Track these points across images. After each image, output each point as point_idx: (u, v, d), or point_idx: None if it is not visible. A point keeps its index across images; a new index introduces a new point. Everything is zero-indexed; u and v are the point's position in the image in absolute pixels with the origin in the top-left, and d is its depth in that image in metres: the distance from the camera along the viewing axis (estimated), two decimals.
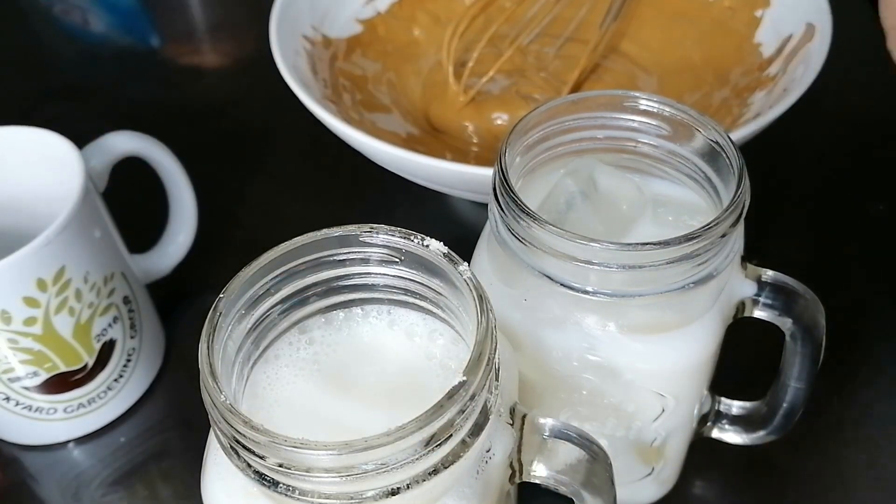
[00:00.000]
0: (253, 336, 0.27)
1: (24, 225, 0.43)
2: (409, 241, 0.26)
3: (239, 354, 0.27)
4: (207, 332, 0.25)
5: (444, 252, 0.25)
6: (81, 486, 0.43)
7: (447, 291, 0.26)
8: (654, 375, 0.32)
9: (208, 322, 0.25)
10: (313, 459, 0.21)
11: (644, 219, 0.33)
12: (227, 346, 0.26)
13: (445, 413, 0.22)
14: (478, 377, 0.23)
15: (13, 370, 0.40)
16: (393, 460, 0.22)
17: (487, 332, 0.24)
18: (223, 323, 0.25)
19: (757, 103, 0.50)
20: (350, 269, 0.27)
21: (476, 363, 0.23)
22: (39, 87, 0.68)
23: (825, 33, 0.48)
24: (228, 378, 0.26)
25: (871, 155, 0.56)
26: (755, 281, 0.32)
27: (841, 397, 0.43)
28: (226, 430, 0.23)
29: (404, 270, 0.27)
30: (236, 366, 0.27)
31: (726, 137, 0.31)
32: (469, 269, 0.25)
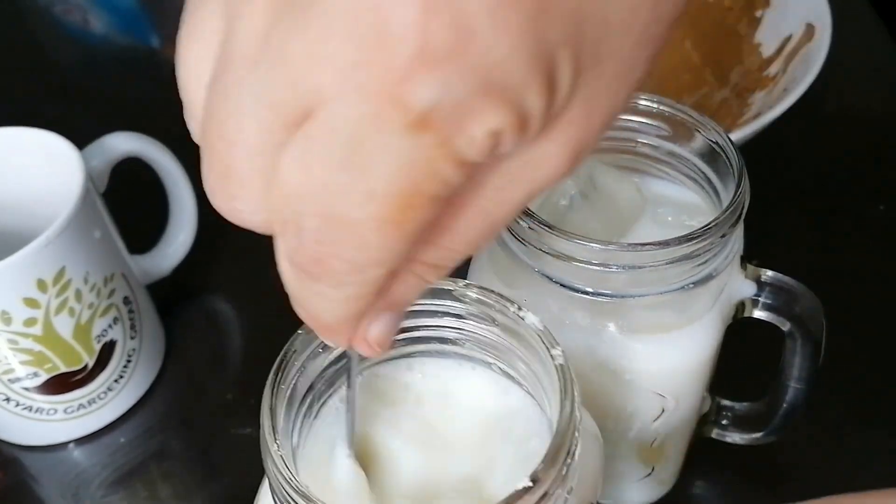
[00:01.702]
0: (329, 374, 0.26)
1: (24, 226, 0.43)
2: (505, 309, 0.25)
3: (311, 393, 0.26)
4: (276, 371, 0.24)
5: (540, 329, 0.24)
6: (81, 486, 0.43)
7: (537, 367, 0.25)
8: (654, 376, 0.32)
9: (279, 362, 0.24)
10: None
11: (644, 219, 0.33)
12: (297, 385, 0.25)
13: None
14: (548, 482, 0.21)
15: (13, 371, 0.40)
16: None
17: (569, 428, 0.22)
18: (296, 360, 0.25)
19: (757, 103, 0.50)
20: (440, 322, 0.26)
21: (550, 464, 0.21)
22: (39, 88, 0.68)
23: (825, 33, 0.48)
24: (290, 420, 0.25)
25: (872, 155, 0.56)
26: (755, 281, 0.32)
27: (841, 397, 0.43)
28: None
29: (495, 333, 0.26)
30: (305, 404, 0.26)
31: (726, 138, 0.31)
32: (562, 355, 0.23)
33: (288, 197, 0.17)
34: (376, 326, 0.20)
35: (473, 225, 0.19)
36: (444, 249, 0.19)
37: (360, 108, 0.16)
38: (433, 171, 0.16)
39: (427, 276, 0.19)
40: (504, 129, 0.16)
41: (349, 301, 0.19)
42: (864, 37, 0.63)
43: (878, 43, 0.63)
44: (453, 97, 0.15)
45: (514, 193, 0.18)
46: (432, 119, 0.16)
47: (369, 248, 0.17)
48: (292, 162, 0.17)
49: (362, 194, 0.16)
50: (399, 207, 0.17)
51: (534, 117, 0.16)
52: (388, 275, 0.18)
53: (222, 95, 0.18)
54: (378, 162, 0.16)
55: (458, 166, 0.16)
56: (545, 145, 0.18)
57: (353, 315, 0.19)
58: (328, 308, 0.19)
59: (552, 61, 0.16)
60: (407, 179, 0.16)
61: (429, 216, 0.17)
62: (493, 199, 0.18)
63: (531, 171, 0.18)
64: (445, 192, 0.17)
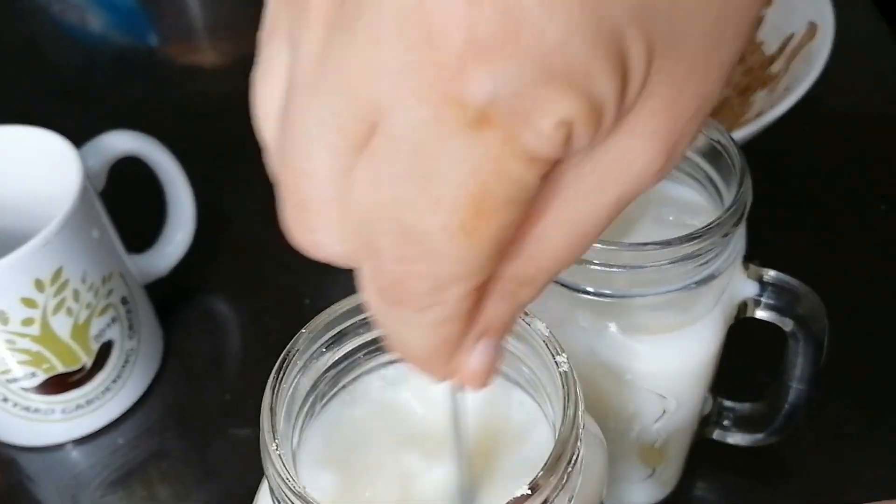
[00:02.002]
0: (331, 374, 0.26)
1: (22, 225, 0.43)
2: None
3: (312, 393, 0.26)
4: (278, 370, 0.24)
5: (546, 335, 0.24)
6: (80, 487, 0.43)
7: (542, 374, 0.25)
8: (655, 376, 0.32)
9: (280, 361, 0.24)
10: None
11: (645, 218, 0.33)
12: (298, 385, 0.25)
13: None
14: (547, 490, 0.21)
15: (11, 371, 0.40)
16: None
17: (571, 435, 0.22)
18: (298, 360, 0.24)
19: (759, 102, 0.50)
20: None
21: (550, 471, 0.21)
22: (37, 87, 0.68)
23: (827, 32, 0.48)
24: (291, 421, 0.25)
25: (874, 154, 0.56)
26: (757, 281, 0.32)
27: (842, 398, 0.43)
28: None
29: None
30: (306, 405, 0.26)
31: (728, 137, 0.31)
32: (567, 362, 0.23)
33: (362, 219, 0.16)
34: (477, 356, 0.18)
35: (563, 233, 0.17)
36: (532, 262, 0.17)
37: (418, 112, 0.15)
38: (502, 171, 0.15)
39: (519, 295, 0.18)
40: (574, 118, 0.15)
41: (437, 326, 0.17)
42: (866, 35, 0.62)
43: (880, 42, 0.63)
44: (512, 89, 0.14)
45: (604, 197, 0.17)
46: (492, 114, 0.15)
47: (446, 262, 0.16)
48: (362, 182, 0.16)
49: (431, 203, 0.15)
50: (470, 214, 0.15)
51: (607, 104, 0.15)
52: (474, 294, 0.17)
53: (289, 127, 0.17)
54: (443, 167, 0.15)
55: (530, 164, 0.15)
56: (629, 140, 0.16)
57: (445, 342, 0.18)
58: (417, 336, 0.18)
59: (619, 40, 0.15)
60: (475, 182, 0.15)
61: (506, 222, 0.16)
62: (580, 204, 0.17)
63: (619, 170, 0.17)
64: (520, 195, 0.16)
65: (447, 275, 0.16)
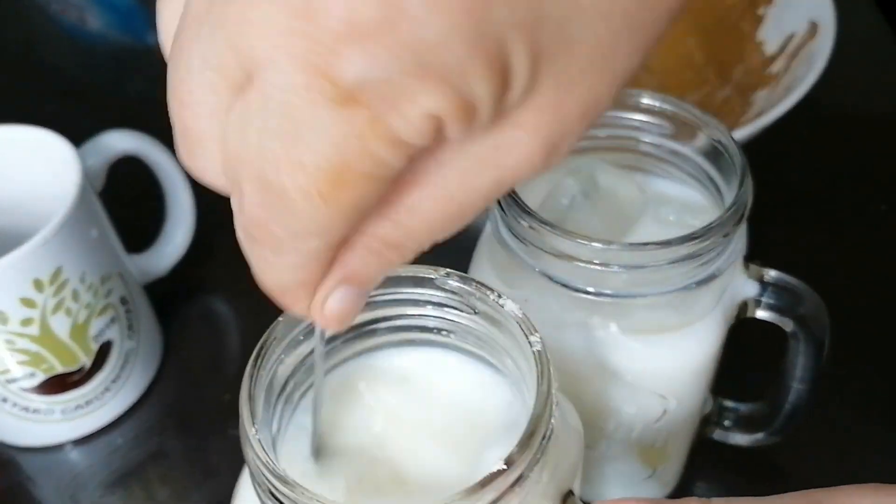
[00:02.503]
0: (309, 363, 0.26)
1: (21, 225, 0.43)
2: (485, 297, 0.25)
3: (290, 381, 0.26)
4: (256, 358, 0.24)
5: (520, 316, 0.24)
6: (79, 487, 0.43)
7: (517, 355, 0.25)
8: (655, 376, 0.32)
9: (258, 348, 0.24)
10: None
11: (645, 218, 0.33)
12: (276, 372, 0.25)
13: (476, 500, 0.21)
14: (522, 465, 0.21)
15: (10, 371, 0.40)
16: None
17: (545, 411, 0.22)
18: (276, 348, 0.25)
19: (759, 102, 0.50)
20: (421, 311, 0.27)
21: (524, 447, 0.22)
22: (36, 86, 0.68)
23: (828, 31, 0.48)
24: (270, 408, 0.25)
25: (874, 154, 0.56)
26: (758, 281, 0.32)
27: (843, 398, 0.43)
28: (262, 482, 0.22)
29: (476, 322, 0.26)
30: (285, 393, 0.26)
31: (729, 136, 0.31)
32: (541, 342, 0.24)
33: (230, 160, 0.18)
34: (334, 300, 0.20)
35: (435, 207, 0.18)
36: (401, 227, 0.19)
37: (291, 77, 0.15)
38: (365, 149, 0.16)
39: (387, 253, 0.19)
40: (444, 113, 0.16)
41: (292, 270, 0.19)
42: (867, 35, 0.62)
43: (881, 41, 0.63)
44: (382, 75, 0.15)
45: (482, 180, 0.18)
46: (361, 96, 0.15)
47: (302, 220, 0.17)
48: (233, 125, 0.17)
49: (292, 164, 0.16)
50: (329, 182, 0.16)
51: (482, 104, 0.16)
52: (330, 247, 0.18)
53: (176, 56, 0.18)
54: (308, 134, 0.16)
55: (394, 146, 0.16)
56: (513, 132, 0.17)
57: (300, 284, 0.19)
58: (274, 274, 0.19)
59: (501, 45, 0.16)
60: (337, 155, 0.16)
61: (364, 194, 0.17)
62: (457, 182, 0.18)
63: (499, 157, 0.18)
64: (382, 173, 0.17)
65: (302, 230, 0.17)
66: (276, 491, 0.22)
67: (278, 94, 0.16)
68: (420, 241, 0.19)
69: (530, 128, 0.17)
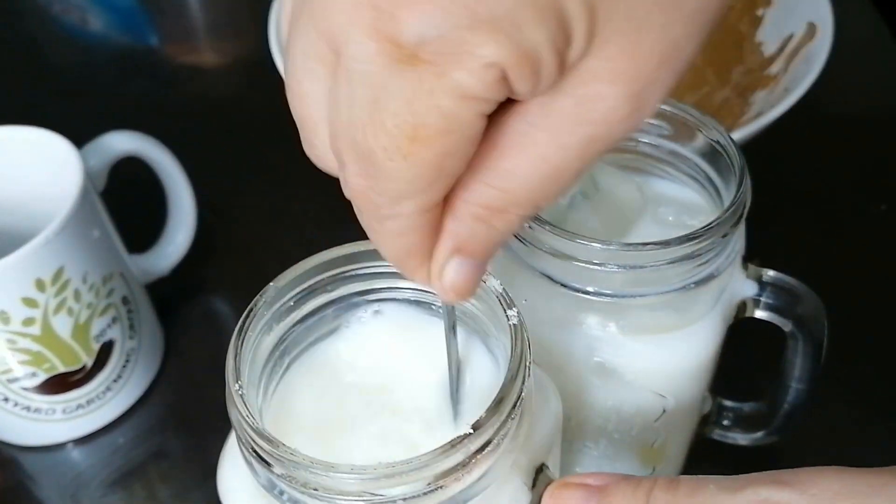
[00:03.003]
0: (298, 330, 0.27)
1: (23, 225, 0.43)
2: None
3: (276, 351, 0.27)
4: (247, 316, 0.25)
5: (500, 292, 0.25)
6: (80, 486, 0.43)
7: (498, 329, 0.26)
8: (654, 376, 0.32)
9: (251, 307, 0.25)
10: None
11: (645, 219, 0.33)
12: (261, 343, 0.26)
13: (438, 466, 0.21)
14: (490, 431, 0.22)
15: (12, 371, 0.40)
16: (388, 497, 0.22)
17: (516, 380, 0.23)
18: (265, 312, 0.26)
19: (758, 103, 0.50)
20: (412, 284, 0.27)
21: (492, 413, 0.22)
22: (38, 87, 0.68)
23: (826, 32, 0.48)
24: (255, 381, 0.26)
25: (873, 155, 0.56)
26: (756, 281, 0.32)
27: (842, 398, 0.43)
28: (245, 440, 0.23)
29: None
30: (269, 364, 0.27)
31: (727, 137, 0.31)
32: (517, 315, 0.24)
33: (332, 137, 0.19)
34: (450, 270, 0.20)
35: (532, 170, 0.19)
36: (501, 192, 0.19)
37: (364, 47, 0.17)
38: (436, 104, 0.17)
39: (492, 220, 0.20)
40: (505, 63, 0.17)
41: (398, 236, 0.20)
42: (865, 36, 0.63)
43: (879, 42, 0.63)
44: (438, 32, 0.16)
45: (573, 138, 0.18)
46: (423, 54, 0.17)
47: (391, 180, 0.18)
48: (331, 103, 0.19)
49: (375, 126, 0.18)
50: (408, 140, 0.17)
51: (542, 52, 0.17)
52: (430, 212, 0.19)
53: (286, 55, 0.20)
54: (385, 96, 0.17)
55: (463, 100, 0.17)
56: (593, 85, 0.18)
57: (410, 251, 0.20)
58: (384, 242, 0.20)
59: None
60: (411, 113, 0.17)
61: (443, 150, 0.18)
62: (550, 142, 0.18)
63: (585, 112, 0.18)
64: (460, 128, 0.17)
65: (395, 191, 0.19)
66: (257, 447, 0.22)
67: (357, 64, 0.17)
68: (522, 205, 0.19)
69: (608, 77, 0.18)
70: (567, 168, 0.19)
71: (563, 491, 0.24)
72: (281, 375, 0.27)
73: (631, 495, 0.22)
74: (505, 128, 0.19)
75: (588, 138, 0.18)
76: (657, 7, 0.17)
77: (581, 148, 0.18)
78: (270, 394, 0.27)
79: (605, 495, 0.23)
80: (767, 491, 0.21)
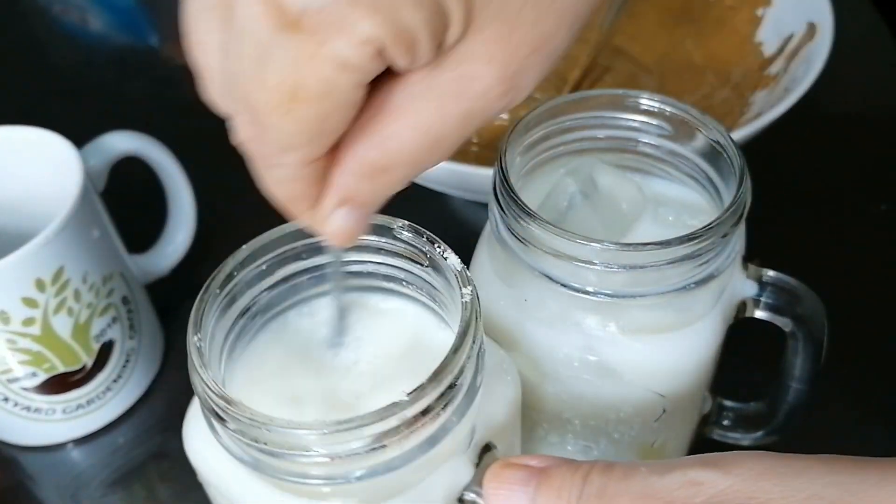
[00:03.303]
0: (267, 298, 0.28)
1: (23, 225, 0.43)
2: (433, 250, 0.26)
3: (240, 321, 0.27)
4: (216, 273, 0.26)
5: (458, 270, 0.26)
6: (80, 486, 0.43)
7: (453, 303, 0.26)
8: (654, 376, 0.32)
9: (222, 265, 0.26)
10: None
11: (644, 219, 0.33)
12: (231, 304, 0.27)
13: (376, 427, 0.22)
14: (428, 400, 0.23)
15: (12, 371, 0.40)
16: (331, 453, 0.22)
17: (460, 353, 0.23)
18: (236, 273, 0.26)
19: (758, 103, 0.50)
20: (381, 258, 0.28)
21: (430, 382, 0.23)
22: (38, 87, 0.68)
23: (826, 32, 0.48)
24: (221, 341, 0.27)
25: (873, 154, 0.56)
26: (756, 281, 0.32)
27: (842, 398, 0.43)
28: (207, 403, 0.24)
29: (427, 272, 0.27)
30: (237, 327, 0.27)
31: (727, 137, 0.31)
32: (471, 293, 0.25)
33: (225, 86, 0.21)
34: (337, 217, 0.22)
35: (414, 135, 0.21)
36: (385, 152, 0.21)
37: (253, 8, 0.18)
38: (316, 70, 0.19)
39: (377, 177, 0.21)
40: (383, 40, 0.18)
41: (284, 183, 0.21)
42: (865, 36, 0.63)
43: (879, 42, 0.63)
44: (321, 4, 0.18)
45: (451, 109, 0.20)
46: (306, 22, 0.18)
47: (274, 132, 0.20)
48: (224, 54, 0.20)
49: (259, 82, 0.19)
50: (287, 98, 0.19)
51: (419, 32, 0.19)
52: (314, 165, 0.21)
53: (187, 3, 0.21)
54: (269, 56, 0.19)
55: (342, 69, 0.19)
56: (471, 64, 0.20)
57: (297, 197, 0.22)
58: (273, 187, 0.22)
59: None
60: (293, 75, 0.19)
61: (322, 112, 0.19)
62: (430, 112, 0.20)
63: (463, 88, 0.20)
64: (338, 93, 0.19)
65: (278, 143, 0.20)
66: (212, 402, 0.23)
67: (245, 23, 0.19)
68: (404, 166, 0.21)
69: (484, 58, 0.20)
70: (446, 137, 0.21)
71: (504, 470, 0.24)
72: (249, 340, 0.28)
73: (570, 477, 0.23)
74: (392, 95, 0.20)
75: (466, 112, 0.20)
76: (529, 1, 0.20)
77: (459, 120, 0.21)
78: (237, 357, 0.28)
79: (545, 476, 0.24)
80: (694, 472, 0.22)
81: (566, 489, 0.23)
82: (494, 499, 0.24)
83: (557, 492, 0.23)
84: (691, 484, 0.21)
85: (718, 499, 0.21)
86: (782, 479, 0.21)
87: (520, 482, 0.24)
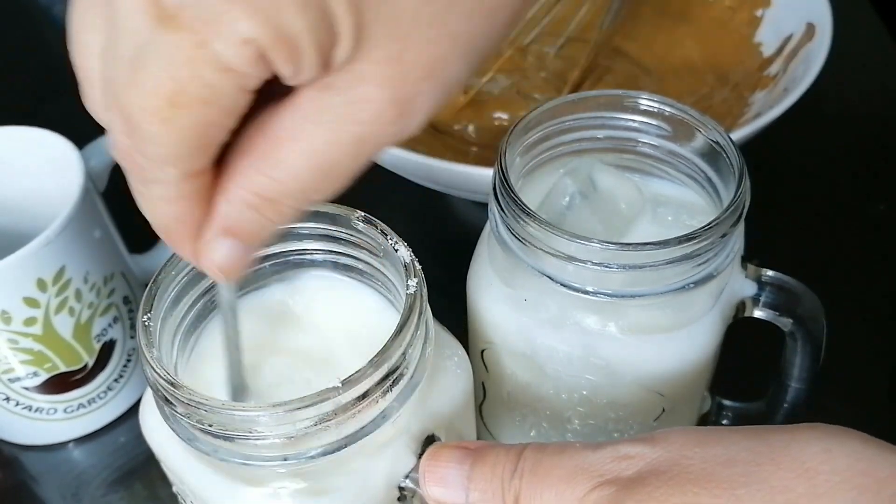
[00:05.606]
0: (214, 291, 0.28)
1: (24, 225, 0.43)
2: (385, 241, 0.27)
3: (192, 311, 0.28)
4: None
5: (407, 262, 0.26)
6: (81, 486, 0.43)
7: (397, 281, 0.27)
8: (654, 375, 0.32)
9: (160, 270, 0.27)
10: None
11: (644, 219, 0.33)
12: (190, 285, 0.27)
13: (313, 410, 0.22)
14: (365, 386, 0.23)
15: (13, 370, 0.40)
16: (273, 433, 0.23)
17: (398, 343, 0.24)
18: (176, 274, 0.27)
19: (757, 103, 0.50)
20: (334, 247, 0.29)
21: (369, 368, 0.23)
22: (39, 88, 0.68)
23: (825, 33, 0.48)
24: (176, 323, 0.27)
25: (872, 154, 0.56)
26: (755, 281, 0.32)
27: (841, 397, 0.43)
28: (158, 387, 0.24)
29: (379, 261, 0.28)
30: (187, 321, 0.28)
31: (727, 137, 0.31)
32: (416, 286, 0.25)
33: (104, 92, 0.19)
34: (218, 250, 0.21)
35: (304, 162, 0.19)
36: (273, 181, 0.19)
37: (130, 3, 0.17)
38: (196, 72, 0.17)
39: (263, 208, 0.20)
40: (263, 42, 0.17)
41: (164, 203, 0.20)
42: (864, 37, 0.63)
43: (878, 43, 0.63)
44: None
45: (343, 135, 0.19)
46: (183, 18, 0.17)
47: (151, 142, 0.18)
48: (101, 58, 0.19)
49: (135, 85, 0.18)
50: (165, 102, 0.18)
51: (301, 38, 0.17)
52: (195, 181, 0.19)
53: (72, 3, 0.20)
54: (146, 56, 0.17)
55: (224, 73, 0.17)
56: (362, 86, 0.19)
57: (177, 221, 0.20)
58: (150, 208, 0.21)
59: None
60: (171, 78, 0.17)
61: (203, 120, 0.18)
62: (321, 138, 0.19)
63: (355, 112, 0.19)
64: (219, 99, 0.18)
65: (156, 155, 0.19)
66: (160, 386, 0.23)
67: (123, 19, 0.18)
68: (294, 196, 0.20)
69: (376, 81, 0.19)
70: (338, 164, 0.20)
71: (441, 450, 0.25)
72: (206, 323, 0.29)
73: (504, 455, 0.24)
74: (281, 119, 0.19)
75: (358, 137, 0.19)
76: (423, 20, 0.18)
77: (351, 146, 0.19)
78: (195, 339, 0.28)
79: (479, 455, 0.24)
80: (625, 447, 0.22)
81: (500, 465, 0.23)
82: (430, 476, 0.25)
83: (492, 468, 0.23)
84: (623, 458, 0.22)
85: (647, 468, 0.21)
86: (703, 447, 0.22)
87: (456, 460, 0.24)
